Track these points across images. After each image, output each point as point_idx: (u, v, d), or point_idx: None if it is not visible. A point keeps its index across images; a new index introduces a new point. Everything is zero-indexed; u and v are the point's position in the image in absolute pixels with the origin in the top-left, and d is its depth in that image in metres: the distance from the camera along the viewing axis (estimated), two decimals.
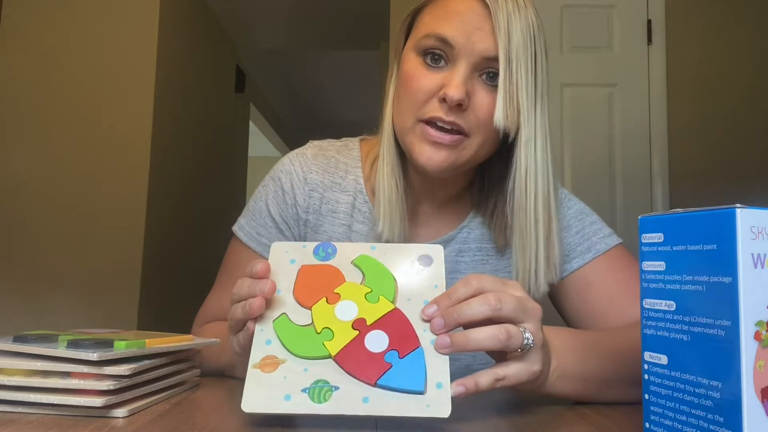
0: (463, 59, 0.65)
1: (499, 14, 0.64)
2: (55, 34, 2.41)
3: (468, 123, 0.65)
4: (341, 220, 0.77)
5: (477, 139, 0.66)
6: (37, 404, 0.46)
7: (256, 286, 0.48)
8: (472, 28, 0.64)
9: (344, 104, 5.56)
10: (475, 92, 0.65)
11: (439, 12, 0.67)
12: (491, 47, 0.64)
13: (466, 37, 0.64)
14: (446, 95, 0.63)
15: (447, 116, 0.64)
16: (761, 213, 0.34)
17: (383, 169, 0.72)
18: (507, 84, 0.64)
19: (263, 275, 0.49)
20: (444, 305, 0.47)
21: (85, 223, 2.36)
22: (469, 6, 0.65)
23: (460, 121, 0.65)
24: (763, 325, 0.33)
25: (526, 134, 0.66)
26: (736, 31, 2.47)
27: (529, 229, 0.68)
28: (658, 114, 2.45)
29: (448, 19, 0.65)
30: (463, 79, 0.64)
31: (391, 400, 0.43)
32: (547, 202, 0.68)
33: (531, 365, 0.48)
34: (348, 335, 0.46)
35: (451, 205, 0.78)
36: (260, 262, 0.50)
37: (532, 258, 0.68)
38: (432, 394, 0.43)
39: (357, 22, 3.63)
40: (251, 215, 0.79)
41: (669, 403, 0.38)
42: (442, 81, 0.65)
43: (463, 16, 0.65)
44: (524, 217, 0.68)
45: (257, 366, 0.45)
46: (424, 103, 0.66)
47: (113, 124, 2.40)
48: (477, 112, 0.65)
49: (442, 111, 0.65)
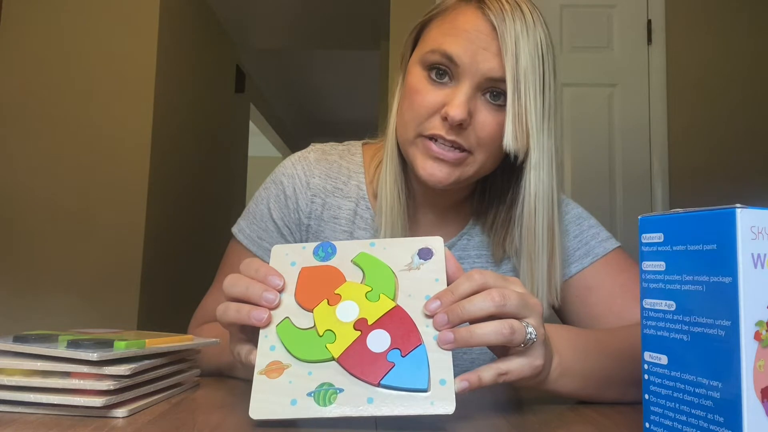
0: (467, 78, 0.64)
1: (507, 36, 0.63)
2: (55, 35, 2.41)
3: (469, 141, 0.66)
4: (343, 226, 0.77)
5: (480, 156, 0.67)
6: (37, 404, 0.46)
7: (261, 293, 0.48)
8: (478, 47, 0.64)
9: (344, 104, 5.56)
10: (478, 111, 0.65)
11: (446, 27, 0.67)
12: (496, 68, 0.64)
13: (471, 56, 0.64)
14: (448, 115, 0.63)
15: (448, 135, 0.65)
16: (761, 213, 0.34)
17: (386, 177, 0.72)
18: (516, 107, 0.63)
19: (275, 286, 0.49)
20: (447, 301, 0.47)
21: (85, 223, 2.36)
22: (476, 24, 0.65)
23: (460, 139, 0.65)
24: (763, 325, 0.33)
25: (536, 158, 0.65)
26: (736, 31, 2.47)
27: (538, 253, 0.68)
28: (658, 114, 2.45)
29: (454, 36, 0.65)
30: (466, 99, 0.64)
31: (396, 400, 0.43)
32: (551, 227, 0.68)
33: (533, 360, 0.48)
34: (350, 337, 0.46)
35: (451, 212, 0.78)
36: (261, 264, 0.50)
37: (538, 280, 0.69)
38: (436, 390, 0.43)
39: (357, 22, 3.63)
40: (252, 218, 0.78)
41: (669, 403, 0.38)
42: (445, 98, 0.65)
43: (469, 34, 0.64)
44: (533, 242, 0.68)
45: (263, 372, 0.45)
46: (427, 118, 0.66)
47: (113, 124, 2.40)
48: (478, 131, 0.65)
49: (444, 129, 0.65)
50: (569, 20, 2.49)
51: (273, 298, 0.48)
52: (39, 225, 2.35)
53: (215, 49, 3.37)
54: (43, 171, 2.37)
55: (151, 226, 2.43)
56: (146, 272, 2.40)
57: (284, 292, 0.49)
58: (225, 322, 0.49)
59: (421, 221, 0.78)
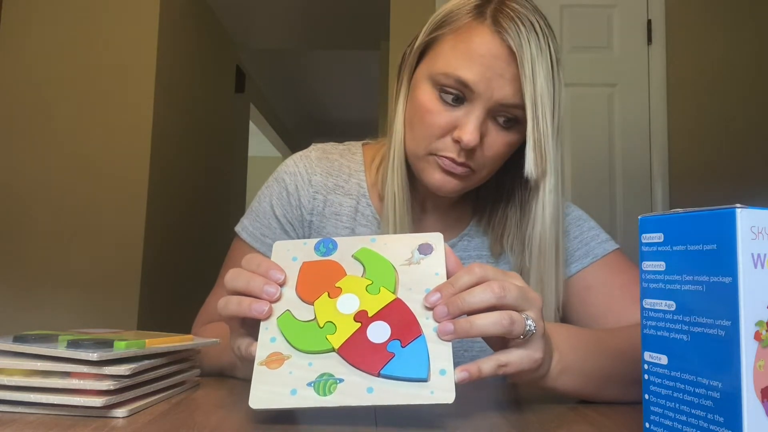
0: (480, 103, 0.64)
1: (525, 62, 0.62)
2: (55, 34, 2.41)
3: (477, 162, 0.67)
4: (344, 223, 0.78)
5: (485, 171, 0.69)
6: (37, 404, 0.46)
7: (263, 286, 0.48)
8: (494, 74, 0.63)
9: (344, 104, 5.56)
10: (488, 133, 0.66)
11: (461, 49, 0.65)
12: (510, 95, 0.64)
13: (486, 83, 0.64)
14: (461, 140, 0.64)
15: (459, 158, 0.66)
16: (761, 213, 0.34)
17: (393, 187, 0.72)
18: (535, 133, 0.63)
19: (276, 279, 0.49)
20: (447, 293, 0.47)
21: (85, 223, 2.36)
22: (492, 49, 0.63)
23: (470, 162, 0.66)
24: (763, 325, 0.33)
25: (553, 182, 0.66)
26: (736, 31, 2.47)
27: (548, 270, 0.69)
28: (658, 114, 2.45)
29: (470, 61, 0.64)
30: (478, 124, 0.64)
31: (396, 389, 0.43)
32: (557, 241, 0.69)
33: (533, 352, 0.48)
34: (350, 328, 0.46)
35: (452, 213, 0.80)
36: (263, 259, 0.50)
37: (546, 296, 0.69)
38: (436, 380, 0.43)
39: (357, 22, 3.63)
40: (255, 216, 0.79)
41: (669, 403, 0.38)
42: (456, 121, 0.65)
43: (484, 59, 0.63)
44: (544, 262, 0.69)
45: (263, 363, 0.45)
46: (438, 138, 0.67)
47: (113, 124, 2.40)
48: (486, 151, 0.67)
49: (455, 152, 0.66)
50: (569, 20, 2.49)
51: (274, 292, 0.48)
52: (39, 225, 2.35)
53: (215, 49, 3.37)
54: (43, 171, 2.37)
55: (151, 225, 2.44)
56: (146, 272, 2.40)
57: (285, 286, 0.49)
58: (226, 315, 0.49)
59: (424, 224, 0.79)
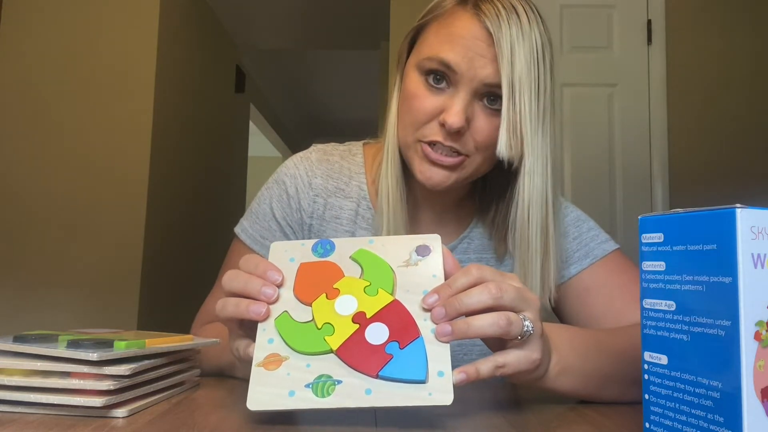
0: (464, 85, 0.65)
1: (503, 42, 0.63)
2: (55, 35, 2.41)
3: (466, 147, 0.66)
4: (344, 226, 0.77)
5: (477, 159, 0.68)
6: (37, 404, 0.46)
7: (260, 288, 0.48)
8: (474, 54, 0.64)
9: (344, 104, 5.56)
10: (475, 116, 0.66)
11: (443, 33, 0.66)
12: (492, 74, 0.64)
13: (468, 62, 0.64)
14: (446, 122, 0.64)
15: (446, 141, 0.66)
16: (761, 213, 0.34)
17: (387, 178, 0.72)
18: (510, 114, 0.63)
19: (274, 281, 0.49)
20: (445, 294, 0.47)
21: (85, 223, 2.36)
22: (472, 31, 0.65)
23: (458, 145, 0.66)
24: (763, 325, 0.33)
25: (530, 163, 0.66)
26: (736, 31, 2.47)
27: (531, 258, 0.68)
28: (658, 114, 2.45)
29: (451, 43, 0.65)
30: (464, 106, 0.64)
31: (394, 391, 0.43)
32: (545, 231, 0.68)
33: (531, 353, 0.48)
34: (348, 329, 0.46)
35: (451, 212, 0.79)
36: (261, 260, 0.50)
37: (531, 285, 0.69)
38: (434, 382, 0.43)
39: (357, 22, 3.63)
40: (254, 218, 0.79)
41: (669, 403, 0.38)
42: (442, 104, 0.66)
43: (465, 41, 0.64)
44: (526, 248, 0.68)
45: (261, 364, 0.45)
46: (425, 123, 0.67)
47: (113, 124, 2.40)
48: (476, 135, 0.66)
49: (442, 135, 0.66)
50: (569, 20, 2.49)
51: (271, 293, 0.48)
52: (39, 225, 2.35)
53: (215, 49, 3.37)
54: (43, 171, 2.37)
55: (151, 225, 2.44)
56: (146, 272, 2.40)
57: (283, 287, 0.49)
58: (224, 317, 0.49)
59: (421, 221, 0.78)
